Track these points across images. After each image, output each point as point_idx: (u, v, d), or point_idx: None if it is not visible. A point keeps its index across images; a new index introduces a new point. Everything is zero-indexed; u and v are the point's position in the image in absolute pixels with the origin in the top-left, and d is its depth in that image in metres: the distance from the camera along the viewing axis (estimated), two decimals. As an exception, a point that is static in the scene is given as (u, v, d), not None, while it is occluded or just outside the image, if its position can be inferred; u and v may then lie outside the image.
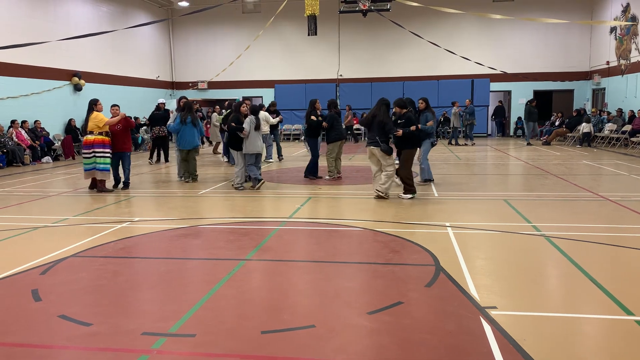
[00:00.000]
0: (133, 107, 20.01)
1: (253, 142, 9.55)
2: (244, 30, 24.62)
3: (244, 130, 9.39)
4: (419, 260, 5.18)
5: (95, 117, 9.43)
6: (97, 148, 9.44)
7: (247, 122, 9.46)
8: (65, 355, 3.38)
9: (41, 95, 16.81)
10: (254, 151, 9.59)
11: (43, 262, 5.29)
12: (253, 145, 9.56)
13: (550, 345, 3.32)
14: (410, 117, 8.67)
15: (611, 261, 5.20)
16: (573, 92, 23.70)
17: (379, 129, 8.33)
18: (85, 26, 18.74)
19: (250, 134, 9.45)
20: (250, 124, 9.44)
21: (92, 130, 9.44)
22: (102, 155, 9.47)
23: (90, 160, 9.48)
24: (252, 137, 9.50)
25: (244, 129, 9.40)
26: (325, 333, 3.55)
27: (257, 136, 9.60)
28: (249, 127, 9.43)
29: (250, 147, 9.55)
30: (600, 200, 8.22)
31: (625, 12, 19.73)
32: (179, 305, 4.09)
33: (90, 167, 9.54)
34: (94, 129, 9.44)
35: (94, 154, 9.44)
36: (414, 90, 23.39)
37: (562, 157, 14.83)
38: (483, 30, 23.67)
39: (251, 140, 9.52)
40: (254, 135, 9.52)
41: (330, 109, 10.83)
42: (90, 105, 9.56)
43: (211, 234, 6.53)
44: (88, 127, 9.45)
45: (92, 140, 9.45)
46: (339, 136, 10.76)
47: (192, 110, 10.87)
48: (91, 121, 9.43)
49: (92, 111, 9.48)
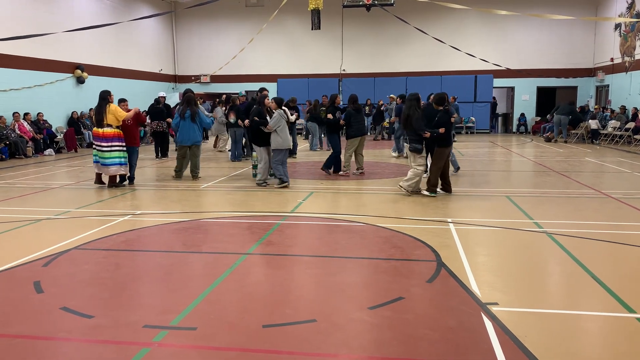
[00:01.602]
0: (136, 100, 19.95)
1: (284, 137, 9.06)
2: (247, 23, 24.56)
3: (267, 125, 8.97)
4: (420, 256, 5.18)
5: (114, 110, 9.06)
6: (116, 142, 9.12)
7: (276, 117, 8.96)
8: (67, 347, 3.39)
9: (44, 87, 16.80)
10: (285, 146, 9.12)
11: (45, 255, 5.31)
12: (284, 140, 9.07)
13: (551, 342, 3.32)
14: (443, 117, 8.23)
15: (613, 258, 5.19)
16: (577, 88, 23.60)
17: (409, 127, 8.24)
18: (88, 18, 18.71)
19: (281, 128, 8.98)
20: (281, 117, 8.98)
21: (110, 124, 9.04)
22: (121, 149, 9.18)
23: (112, 155, 9.11)
24: (283, 132, 9.01)
25: (267, 123, 8.99)
26: (326, 327, 3.55)
27: (287, 130, 9.15)
28: (277, 122, 8.94)
29: (281, 143, 9.05)
30: (603, 198, 8.20)
31: (630, 9, 19.62)
32: (181, 299, 4.10)
33: (114, 161, 9.14)
34: (114, 122, 9.05)
35: (114, 147, 9.08)
36: (417, 86, 23.33)
37: (564, 154, 14.80)
38: (487, 26, 23.57)
39: (282, 134, 9.02)
40: (284, 130, 9.04)
41: (350, 104, 10.71)
42: (104, 96, 9.15)
43: (213, 227, 6.54)
44: (107, 120, 9.02)
45: (112, 134, 9.07)
46: (358, 132, 10.64)
47: (191, 104, 10.22)
48: (110, 114, 9.02)
49: (107, 103, 9.09)
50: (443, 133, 8.15)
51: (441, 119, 8.23)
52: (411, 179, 8.34)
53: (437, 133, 8.13)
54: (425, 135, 8.13)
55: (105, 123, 9.03)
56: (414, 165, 8.37)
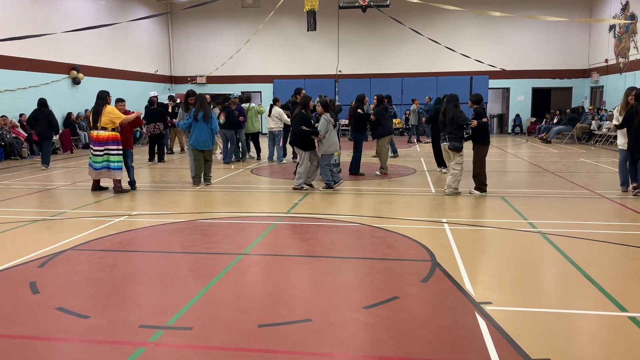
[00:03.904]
0: (131, 101, 19.86)
1: (332, 141, 8.90)
2: (243, 24, 24.57)
3: (319, 134, 8.77)
4: (415, 256, 5.21)
5: (111, 111, 8.69)
6: (111, 145, 8.76)
7: (324, 123, 8.78)
8: (63, 347, 3.40)
9: (39, 88, 16.76)
10: (333, 150, 9.00)
11: (41, 255, 5.31)
12: (333, 144, 8.91)
13: (544, 341, 3.35)
14: (480, 113, 8.57)
15: (606, 258, 5.23)
16: (572, 89, 23.71)
17: (451, 125, 8.40)
18: (84, 19, 18.69)
19: (329, 133, 8.82)
20: (328, 122, 8.82)
21: (105, 126, 8.69)
22: (116, 153, 8.82)
23: (102, 159, 8.74)
24: (331, 136, 8.85)
25: (317, 133, 8.76)
26: (321, 327, 3.57)
27: (335, 134, 8.99)
28: (326, 127, 8.78)
29: (328, 147, 8.88)
30: (597, 198, 8.25)
31: (625, 10, 19.73)
32: (177, 299, 4.11)
33: (101, 165, 8.77)
34: (109, 124, 8.68)
35: (106, 151, 8.74)
36: (413, 87, 23.45)
37: (559, 155, 14.87)
38: (482, 27, 23.65)
39: (330, 139, 8.86)
40: (332, 134, 8.88)
41: (379, 104, 10.83)
42: (102, 97, 8.77)
43: (209, 228, 6.55)
44: (102, 122, 8.64)
45: (105, 137, 8.70)
46: (387, 131, 10.81)
47: (205, 105, 9.62)
48: (105, 116, 8.63)
49: (105, 104, 8.73)
50: (482, 132, 8.54)
51: (478, 113, 8.61)
52: (453, 181, 8.55)
53: (483, 123, 8.46)
54: (472, 125, 8.39)
55: (99, 126, 8.68)
56: (452, 164, 8.57)
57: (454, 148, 8.47)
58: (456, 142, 8.45)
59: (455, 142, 8.45)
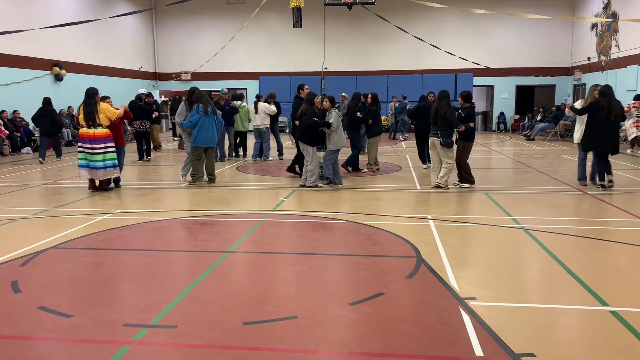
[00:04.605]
0: (115, 98, 19.68)
1: (341, 136, 9.09)
2: (229, 21, 24.43)
3: (331, 126, 8.83)
4: (400, 252, 5.24)
5: (106, 108, 8.58)
6: (109, 142, 8.68)
7: (334, 117, 8.90)
8: (46, 346, 3.36)
9: (21, 85, 16.52)
10: (341, 145, 9.12)
11: (23, 254, 5.24)
12: (341, 139, 9.09)
13: (528, 335, 3.38)
14: (471, 114, 8.89)
15: (588, 253, 5.30)
16: (555, 87, 23.97)
17: (443, 123, 8.52)
18: (66, 15, 18.42)
19: (338, 128, 8.96)
20: (338, 116, 8.98)
21: (102, 124, 8.57)
22: (112, 150, 8.73)
23: (103, 157, 8.60)
24: (339, 131, 9.01)
25: (330, 125, 8.83)
26: (307, 324, 3.58)
27: (342, 130, 9.20)
28: (337, 121, 8.94)
29: (338, 142, 9.02)
30: (579, 194, 8.36)
31: (606, 9, 19.98)
32: (161, 297, 4.09)
33: (104, 164, 8.62)
34: (105, 121, 8.59)
35: (105, 149, 8.61)
36: (399, 84, 23.52)
37: (543, 152, 15.03)
38: (467, 25, 23.79)
39: (339, 134, 9.03)
40: (340, 129, 9.06)
41: (374, 103, 11.00)
42: (92, 94, 8.60)
43: (194, 226, 6.51)
44: (100, 120, 8.52)
45: (104, 135, 8.60)
46: (380, 130, 11.09)
47: (208, 100, 9.41)
48: (102, 113, 8.54)
49: (97, 102, 8.59)
50: (469, 131, 8.85)
51: (469, 114, 8.89)
52: (446, 174, 8.72)
53: (469, 126, 8.78)
54: (460, 129, 8.67)
55: (98, 123, 8.55)
56: (446, 159, 8.69)
57: (446, 144, 8.60)
58: (448, 138, 8.61)
59: (447, 138, 8.60)
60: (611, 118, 8.30)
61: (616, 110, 8.32)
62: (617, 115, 8.33)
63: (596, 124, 8.40)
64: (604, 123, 8.33)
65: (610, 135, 8.41)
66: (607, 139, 8.39)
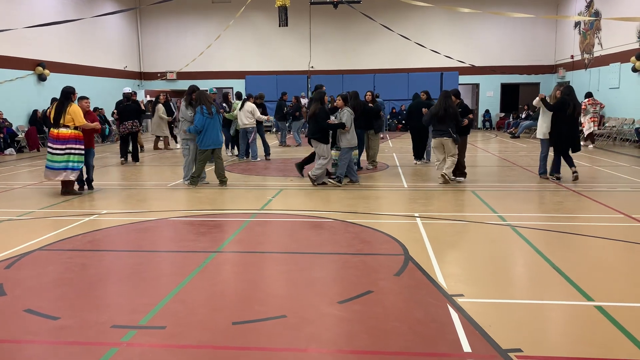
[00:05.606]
0: (99, 98, 19.58)
1: (354, 134, 9.12)
2: (214, 20, 24.32)
3: (345, 127, 8.88)
4: (388, 250, 5.26)
5: (74, 110, 8.22)
6: (73, 144, 8.24)
7: (347, 115, 8.97)
8: (33, 349, 3.33)
9: (3, 85, 16.30)
10: (354, 144, 9.14)
11: (7, 256, 5.17)
12: (354, 137, 9.11)
13: (515, 331, 3.42)
14: (467, 109, 9.59)
15: (573, 249, 5.37)
16: (539, 85, 24.21)
17: (451, 121, 8.86)
18: (50, 14, 18.19)
19: (352, 126, 9.04)
20: (351, 115, 9.03)
21: (67, 124, 8.21)
22: (78, 152, 8.29)
23: (62, 158, 8.21)
24: (352, 130, 9.04)
25: (345, 125, 8.88)
26: (296, 323, 3.58)
27: (354, 127, 9.21)
28: (350, 121, 8.98)
29: (351, 141, 9.04)
30: (564, 191, 8.46)
31: (589, 8, 20.22)
32: (149, 298, 4.06)
33: (59, 165, 8.23)
34: (70, 122, 8.21)
35: (67, 150, 8.22)
36: (385, 83, 23.59)
37: (528, 149, 15.17)
38: (452, 24, 23.95)
39: (352, 132, 9.04)
40: (352, 128, 9.09)
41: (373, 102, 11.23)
42: (67, 94, 8.31)
43: (181, 226, 6.48)
44: (65, 120, 8.18)
45: (68, 135, 8.19)
46: (379, 129, 11.44)
47: (209, 99, 9.11)
48: (69, 114, 8.19)
49: (69, 102, 8.28)
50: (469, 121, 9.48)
51: (465, 109, 9.49)
52: (451, 166, 9.07)
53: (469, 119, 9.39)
54: (464, 124, 9.15)
55: (62, 123, 8.21)
56: (453, 152, 9.04)
57: (456, 140, 8.99)
58: (456, 135, 9.00)
59: (456, 135, 9.00)
60: (574, 115, 8.90)
61: (578, 108, 9.00)
62: (579, 113, 9.05)
63: (562, 121, 8.92)
64: (569, 120, 8.90)
65: (574, 132, 9.07)
66: (572, 135, 9.02)
